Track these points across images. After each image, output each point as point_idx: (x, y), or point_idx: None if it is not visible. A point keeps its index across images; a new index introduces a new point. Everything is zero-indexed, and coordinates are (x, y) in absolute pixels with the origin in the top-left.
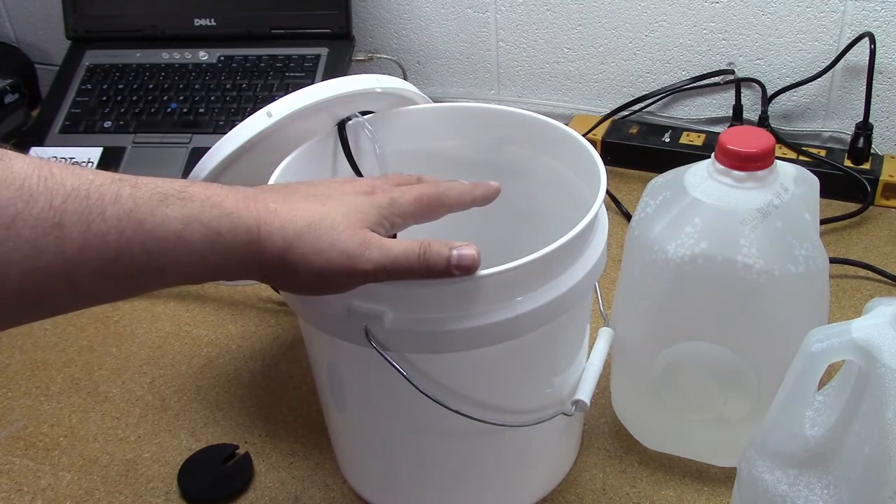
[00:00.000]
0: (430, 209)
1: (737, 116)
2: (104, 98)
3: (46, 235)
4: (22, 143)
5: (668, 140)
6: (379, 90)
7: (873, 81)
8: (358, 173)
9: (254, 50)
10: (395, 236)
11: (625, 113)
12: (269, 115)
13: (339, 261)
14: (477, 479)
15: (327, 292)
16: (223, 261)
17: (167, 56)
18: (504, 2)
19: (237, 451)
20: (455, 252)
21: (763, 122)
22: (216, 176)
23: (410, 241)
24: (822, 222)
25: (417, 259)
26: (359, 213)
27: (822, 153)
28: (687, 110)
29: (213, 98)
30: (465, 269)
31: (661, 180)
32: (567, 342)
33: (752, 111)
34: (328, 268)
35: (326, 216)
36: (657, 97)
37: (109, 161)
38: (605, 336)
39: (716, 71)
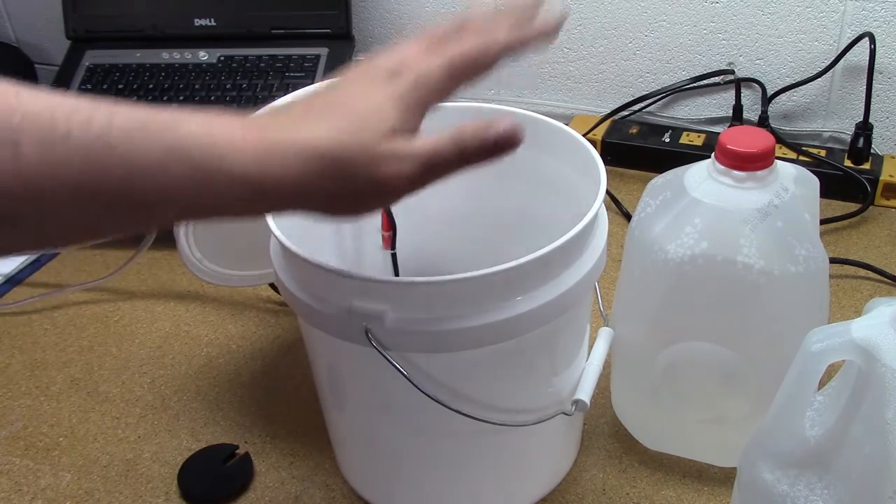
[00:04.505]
0: (465, 73)
1: (737, 116)
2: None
3: (1, 155)
4: None
5: (668, 140)
6: None
7: (873, 81)
8: None
9: (254, 50)
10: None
11: (625, 113)
12: None
13: (364, 189)
14: (477, 478)
15: (360, 218)
16: (216, 198)
17: (167, 56)
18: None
19: (237, 451)
20: (492, 127)
21: (763, 122)
22: None
23: (438, 137)
24: (822, 222)
25: (450, 148)
26: (376, 121)
27: (822, 153)
28: (687, 110)
29: (213, 98)
30: (508, 138)
31: (661, 180)
32: (567, 342)
33: (752, 111)
34: (353, 202)
35: (340, 146)
36: (657, 97)
37: None
38: (605, 336)
39: (716, 71)
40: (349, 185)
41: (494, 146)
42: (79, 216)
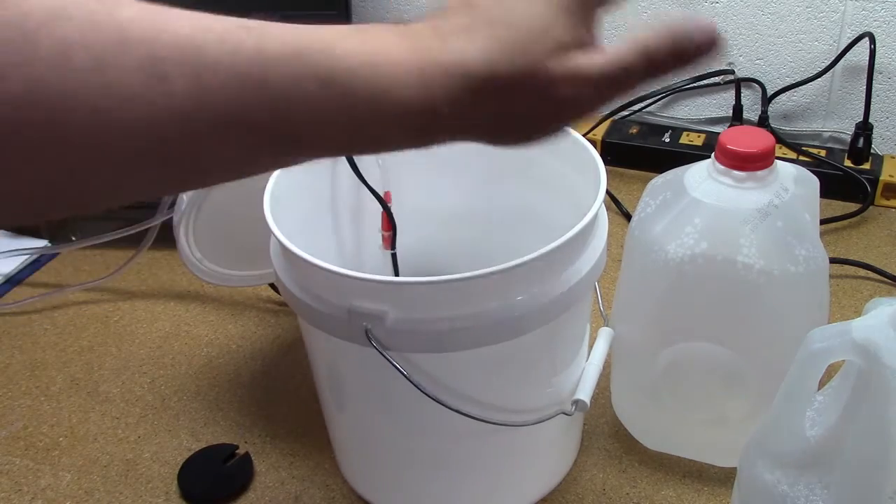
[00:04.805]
0: None
1: (737, 116)
2: None
3: (147, 86)
4: None
5: (668, 140)
6: None
7: (873, 81)
8: (358, 173)
9: None
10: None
11: (625, 113)
12: None
13: (537, 114)
14: (477, 478)
15: (537, 144)
16: (376, 130)
17: None
18: None
19: (237, 451)
20: (687, 35)
21: (763, 122)
22: None
23: (619, 49)
24: (822, 222)
25: (636, 61)
26: (542, 36)
27: (822, 153)
28: (687, 110)
29: None
30: (707, 45)
31: (661, 180)
32: (567, 342)
33: (752, 111)
34: (525, 129)
35: (503, 67)
36: (657, 97)
37: None
38: (605, 336)
39: (716, 71)
40: (519, 111)
41: (690, 56)
42: (228, 152)
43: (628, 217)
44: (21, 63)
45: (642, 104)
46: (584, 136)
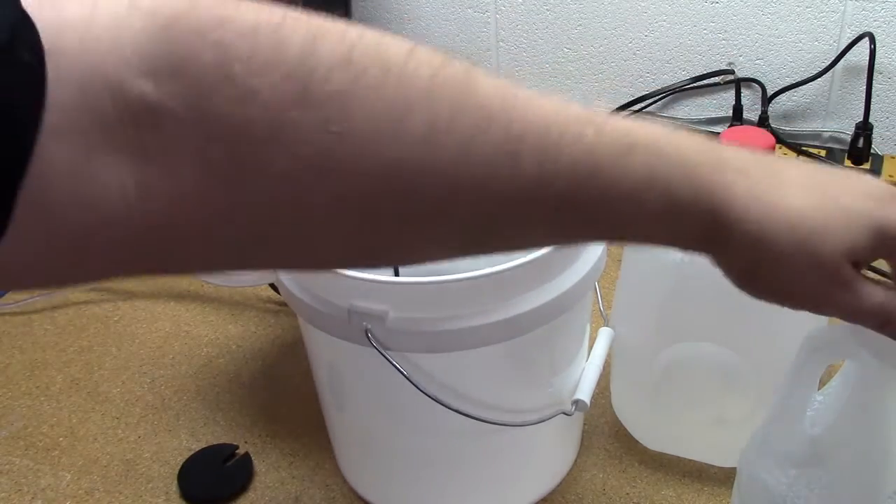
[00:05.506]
0: None
1: (737, 116)
2: None
3: (503, 165)
4: None
5: None
6: None
7: (873, 81)
8: None
9: None
10: None
11: (625, 113)
12: None
13: (798, 293)
14: (477, 478)
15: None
16: (672, 235)
17: None
18: (504, 2)
19: (237, 451)
20: None
21: (763, 122)
22: None
23: (888, 296)
24: None
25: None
26: (853, 235)
27: (822, 153)
28: (687, 110)
29: None
30: None
31: None
32: (567, 342)
33: (752, 111)
34: (785, 295)
35: (814, 231)
36: (657, 97)
37: None
38: (605, 336)
39: (716, 71)
40: (785, 271)
41: None
42: (545, 231)
43: None
44: (391, 139)
45: (643, 104)
46: None
